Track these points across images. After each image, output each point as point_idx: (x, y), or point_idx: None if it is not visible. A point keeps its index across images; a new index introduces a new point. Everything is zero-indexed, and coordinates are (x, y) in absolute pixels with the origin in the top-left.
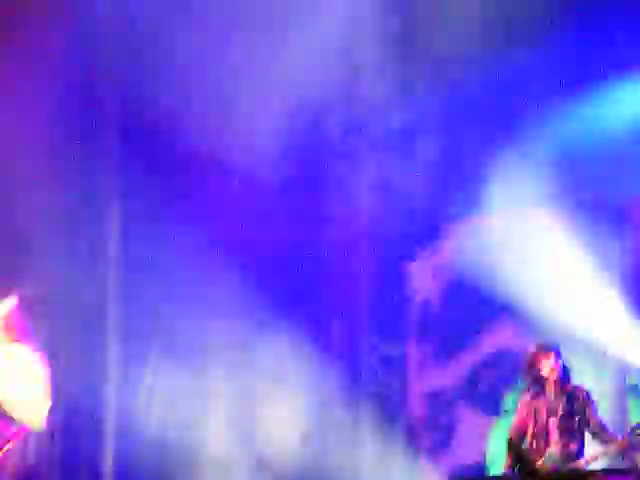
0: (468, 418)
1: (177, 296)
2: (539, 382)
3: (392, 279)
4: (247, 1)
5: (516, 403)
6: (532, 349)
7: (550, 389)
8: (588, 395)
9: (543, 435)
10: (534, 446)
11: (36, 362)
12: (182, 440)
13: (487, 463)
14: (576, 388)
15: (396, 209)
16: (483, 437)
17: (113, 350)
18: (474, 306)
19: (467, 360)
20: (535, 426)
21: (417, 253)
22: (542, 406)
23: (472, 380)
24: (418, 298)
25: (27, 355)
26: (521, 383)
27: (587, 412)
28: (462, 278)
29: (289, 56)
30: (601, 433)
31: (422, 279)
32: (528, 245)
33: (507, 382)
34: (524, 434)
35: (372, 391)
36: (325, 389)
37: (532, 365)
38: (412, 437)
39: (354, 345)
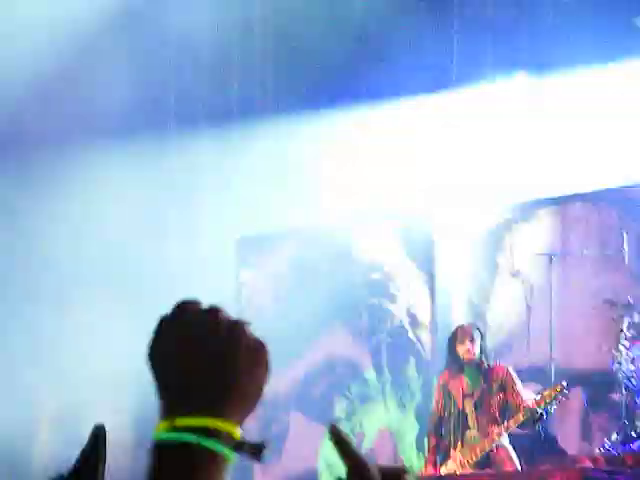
0: (300, 426)
1: None
2: (457, 364)
3: (225, 287)
4: None
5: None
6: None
7: (467, 371)
8: (508, 374)
9: (459, 417)
10: (452, 428)
11: None
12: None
13: (319, 471)
14: (494, 368)
15: (231, 216)
16: (315, 445)
17: None
18: (306, 315)
19: (299, 368)
20: (451, 408)
21: (250, 262)
22: (457, 388)
23: (304, 388)
24: (251, 307)
25: None
26: (354, 389)
27: (507, 391)
28: (295, 287)
29: None
30: (521, 410)
31: (255, 288)
32: (368, 256)
33: (339, 390)
34: (441, 416)
35: None
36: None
37: (450, 347)
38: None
39: None
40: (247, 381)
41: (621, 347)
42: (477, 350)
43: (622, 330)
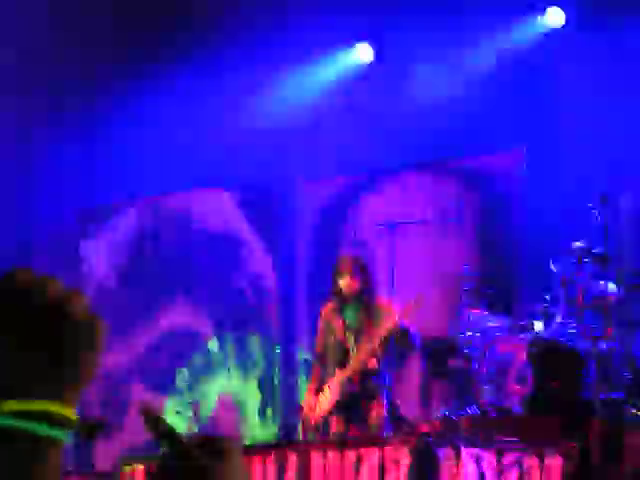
0: (141, 397)
1: None
2: (339, 297)
3: (66, 257)
4: None
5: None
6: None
7: (348, 305)
8: (390, 307)
9: (340, 350)
10: (333, 359)
11: None
12: None
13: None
14: (377, 303)
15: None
16: None
17: None
18: (150, 286)
19: (142, 340)
20: (333, 340)
21: (92, 231)
22: (338, 321)
23: (146, 359)
24: (92, 277)
25: None
26: (196, 360)
27: (387, 325)
28: (138, 257)
29: None
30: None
31: (97, 258)
32: (210, 225)
33: (181, 360)
34: (325, 349)
35: None
36: None
37: (332, 279)
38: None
39: None
40: (76, 357)
41: (460, 315)
42: (359, 284)
43: (460, 298)
